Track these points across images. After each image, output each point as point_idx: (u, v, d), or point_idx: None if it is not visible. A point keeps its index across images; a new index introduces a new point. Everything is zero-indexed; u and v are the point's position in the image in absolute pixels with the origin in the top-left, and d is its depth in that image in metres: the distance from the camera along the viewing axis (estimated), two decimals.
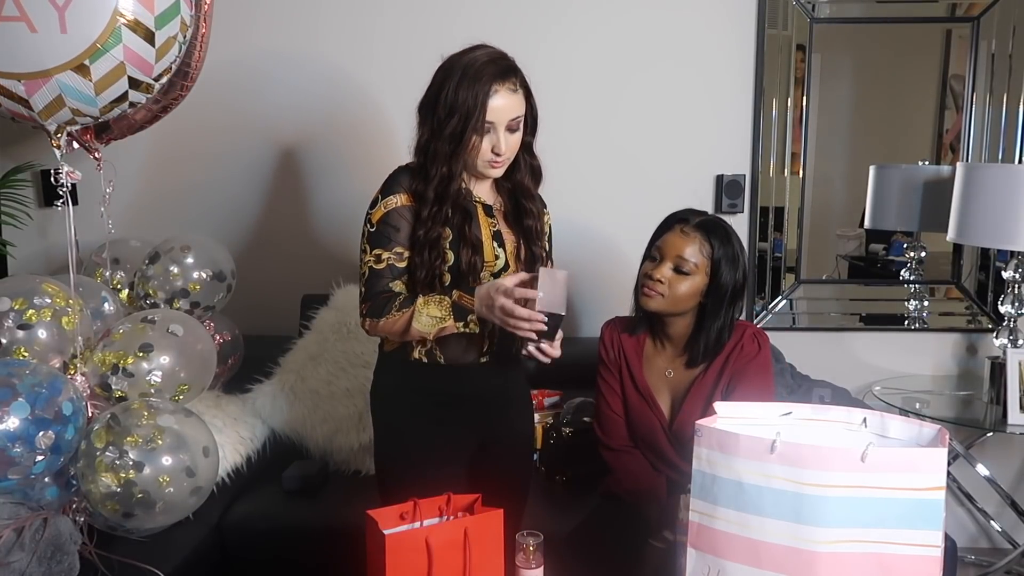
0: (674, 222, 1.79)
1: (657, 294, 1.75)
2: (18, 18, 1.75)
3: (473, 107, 1.56)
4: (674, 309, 1.77)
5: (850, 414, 1.20)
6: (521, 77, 1.63)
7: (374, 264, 1.64)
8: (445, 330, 1.59)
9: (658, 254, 1.77)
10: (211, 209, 2.81)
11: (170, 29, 1.89)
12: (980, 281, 2.81)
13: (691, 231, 1.75)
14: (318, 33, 2.72)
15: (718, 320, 1.76)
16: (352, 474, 2.46)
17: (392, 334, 1.64)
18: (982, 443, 2.79)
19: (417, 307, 1.58)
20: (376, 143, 2.70)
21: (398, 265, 1.63)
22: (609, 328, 1.92)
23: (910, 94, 2.79)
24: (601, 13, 2.68)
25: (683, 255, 1.74)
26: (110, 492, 1.82)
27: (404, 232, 1.63)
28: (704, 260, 1.75)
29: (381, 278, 1.63)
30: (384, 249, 1.63)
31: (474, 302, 1.58)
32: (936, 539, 1.05)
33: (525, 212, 1.73)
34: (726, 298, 1.76)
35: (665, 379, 1.84)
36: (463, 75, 1.57)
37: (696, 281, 1.75)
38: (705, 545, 1.15)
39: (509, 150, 1.63)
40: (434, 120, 1.60)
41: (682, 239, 1.75)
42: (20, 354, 1.88)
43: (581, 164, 2.73)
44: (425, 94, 1.64)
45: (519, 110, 1.62)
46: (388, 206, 1.64)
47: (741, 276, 1.77)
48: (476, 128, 1.57)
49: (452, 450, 1.73)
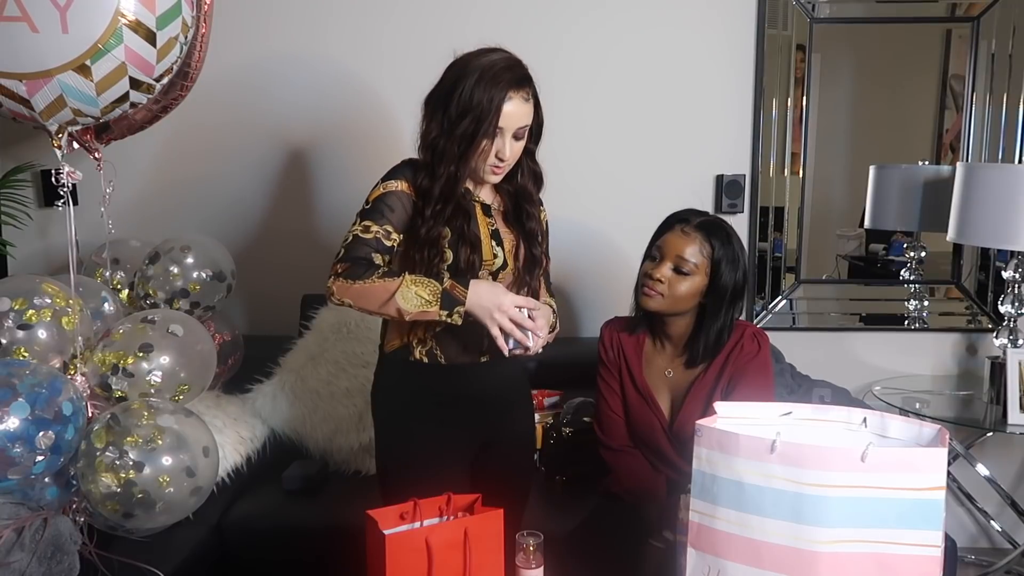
0: (675, 222, 1.79)
1: (657, 294, 1.75)
2: (19, 18, 1.74)
3: (488, 110, 1.56)
4: (674, 309, 1.77)
5: (850, 414, 1.20)
6: (533, 88, 1.64)
7: (361, 233, 1.58)
8: (426, 315, 1.52)
9: (658, 253, 1.77)
10: (211, 209, 2.81)
11: (171, 30, 1.89)
12: (980, 281, 2.81)
13: (692, 231, 1.75)
14: (320, 33, 2.72)
15: (718, 320, 1.77)
16: (352, 474, 2.46)
17: (362, 301, 1.53)
18: (982, 443, 2.79)
19: (405, 282, 1.52)
20: (378, 143, 2.70)
21: (384, 242, 1.59)
22: (609, 328, 1.92)
23: (910, 94, 2.79)
24: (601, 14, 2.69)
25: (683, 255, 1.74)
26: (110, 492, 1.82)
27: (398, 214, 1.61)
28: (704, 260, 1.75)
29: (365, 246, 1.57)
30: (374, 222, 1.59)
31: (466, 293, 1.53)
32: (936, 539, 1.05)
33: (526, 215, 1.74)
34: (726, 298, 1.76)
35: (665, 379, 1.84)
36: (480, 76, 1.56)
37: (696, 281, 1.75)
38: (705, 545, 1.15)
39: (512, 157, 1.64)
40: (445, 118, 1.59)
41: (682, 239, 1.75)
42: (20, 354, 1.88)
43: (581, 164, 2.73)
44: (436, 88, 1.63)
45: (527, 120, 1.63)
46: (387, 188, 1.63)
47: (741, 276, 1.77)
48: (488, 132, 1.58)
49: (453, 450, 1.73)
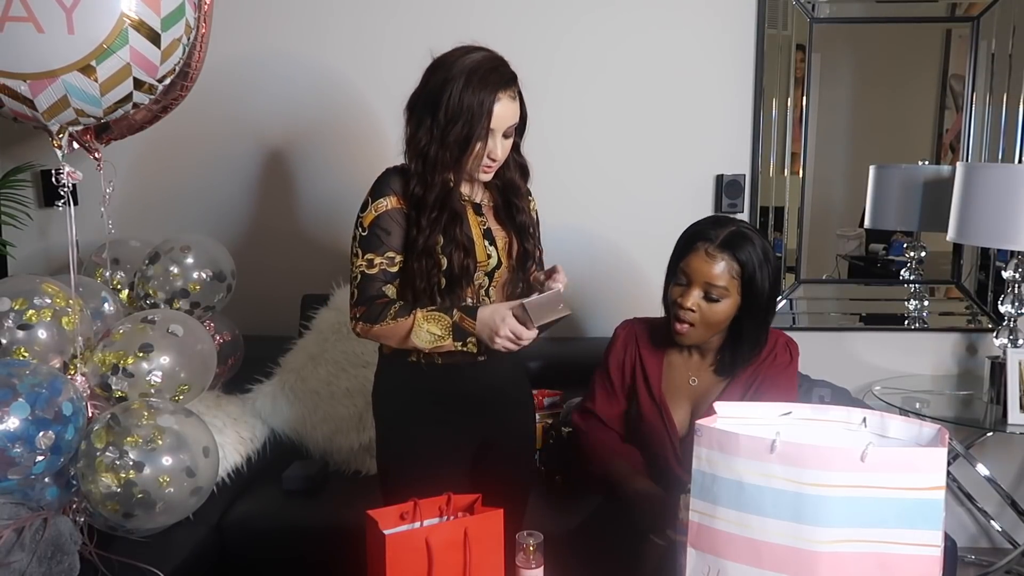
0: (697, 240, 1.68)
1: (689, 325, 1.68)
2: (25, 18, 1.74)
3: (480, 114, 1.56)
4: (706, 336, 1.71)
5: (850, 414, 1.20)
6: (518, 84, 1.64)
7: (366, 269, 1.63)
8: (443, 348, 1.61)
9: (685, 279, 1.68)
10: (211, 209, 2.81)
11: (175, 31, 1.90)
12: (980, 281, 2.81)
13: (716, 252, 1.65)
14: (318, 32, 2.72)
15: (756, 329, 1.71)
16: (352, 474, 2.46)
17: (386, 340, 1.66)
18: (982, 443, 2.79)
19: (417, 321, 1.59)
20: (379, 143, 2.70)
21: (390, 270, 1.64)
22: (627, 330, 1.84)
23: (910, 94, 2.79)
24: (601, 14, 2.68)
25: (712, 281, 1.65)
26: (110, 492, 1.82)
27: (395, 235, 1.63)
28: (734, 280, 1.66)
29: (374, 282, 1.63)
30: (376, 253, 1.63)
31: (475, 325, 1.58)
32: (936, 539, 1.05)
33: (516, 209, 1.74)
34: (762, 307, 1.69)
35: (688, 387, 1.78)
36: (468, 79, 1.55)
37: (729, 303, 1.67)
38: (705, 545, 1.15)
39: (503, 156, 1.65)
40: (434, 124, 1.58)
41: (709, 263, 1.65)
42: (20, 354, 1.88)
43: (580, 164, 2.73)
44: (419, 92, 1.62)
45: (516, 118, 1.64)
46: (378, 209, 1.63)
47: (773, 276, 1.69)
48: (481, 135, 1.58)
49: (453, 450, 1.73)
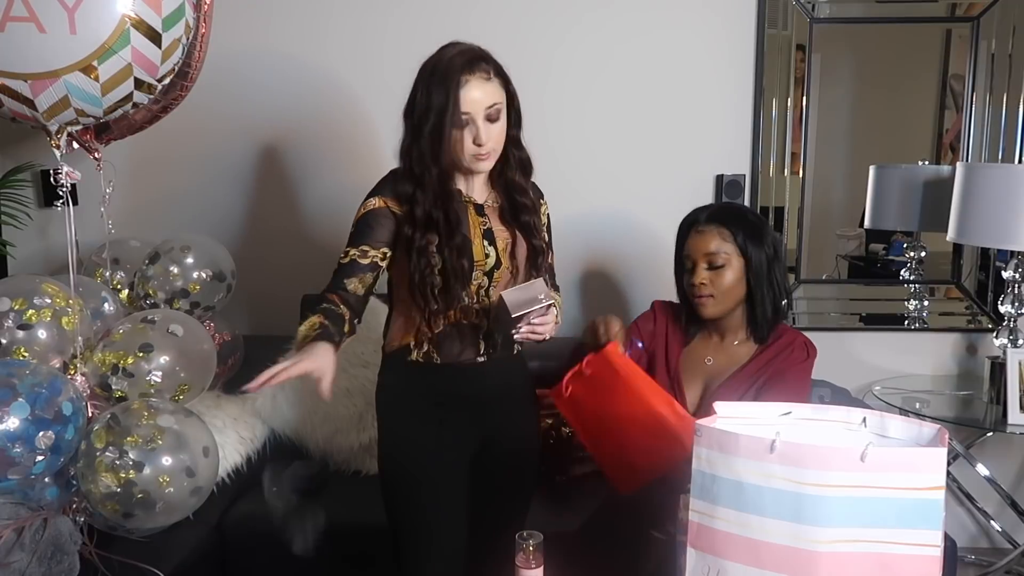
0: (687, 227, 1.84)
1: (708, 296, 1.79)
2: (27, 18, 1.75)
3: (446, 101, 1.55)
4: (729, 304, 1.80)
5: (850, 414, 1.20)
6: (495, 65, 1.62)
7: (341, 259, 1.66)
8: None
9: (689, 261, 1.82)
10: (211, 209, 2.81)
11: (176, 31, 1.90)
12: (980, 281, 2.81)
13: (705, 227, 1.80)
14: (318, 32, 2.72)
15: (770, 290, 1.80)
16: (352, 474, 2.46)
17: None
18: (982, 443, 2.79)
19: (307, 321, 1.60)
20: (380, 143, 2.70)
21: (360, 261, 1.64)
22: (662, 305, 1.96)
23: (910, 94, 2.79)
24: (602, 14, 2.68)
25: (710, 251, 1.78)
26: (110, 492, 1.82)
27: (376, 232, 1.65)
28: (731, 245, 1.78)
29: (340, 272, 1.65)
30: (352, 246, 1.65)
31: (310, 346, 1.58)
32: (936, 539, 1.05)
33: (521, 208, 1.72)
34: (767, 267, 1.79)
35: (703, 367, 1.85)
36: (433, 73, 1.57)
37: (735, 267, 1.78)
38: (705, 545, 1.15)
39: (492, 140, 1.61)
40: (412, 124, 1.61)
41: (702, 238, 1.80)
42: (20, 354, 1.88)
43: (581, 164, 2.73)
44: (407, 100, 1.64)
45: (495, 97, 1.60)
46: (366, 207, 1.66)
47: (771, 241, 1.81)
48: (453, 122, 1.56)
49: (454, 449, 1.73)
